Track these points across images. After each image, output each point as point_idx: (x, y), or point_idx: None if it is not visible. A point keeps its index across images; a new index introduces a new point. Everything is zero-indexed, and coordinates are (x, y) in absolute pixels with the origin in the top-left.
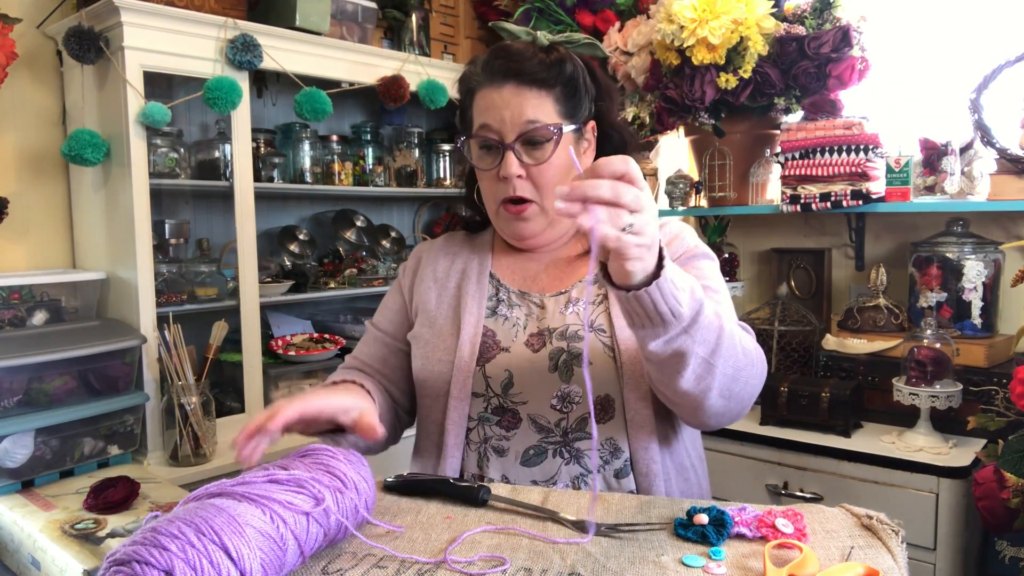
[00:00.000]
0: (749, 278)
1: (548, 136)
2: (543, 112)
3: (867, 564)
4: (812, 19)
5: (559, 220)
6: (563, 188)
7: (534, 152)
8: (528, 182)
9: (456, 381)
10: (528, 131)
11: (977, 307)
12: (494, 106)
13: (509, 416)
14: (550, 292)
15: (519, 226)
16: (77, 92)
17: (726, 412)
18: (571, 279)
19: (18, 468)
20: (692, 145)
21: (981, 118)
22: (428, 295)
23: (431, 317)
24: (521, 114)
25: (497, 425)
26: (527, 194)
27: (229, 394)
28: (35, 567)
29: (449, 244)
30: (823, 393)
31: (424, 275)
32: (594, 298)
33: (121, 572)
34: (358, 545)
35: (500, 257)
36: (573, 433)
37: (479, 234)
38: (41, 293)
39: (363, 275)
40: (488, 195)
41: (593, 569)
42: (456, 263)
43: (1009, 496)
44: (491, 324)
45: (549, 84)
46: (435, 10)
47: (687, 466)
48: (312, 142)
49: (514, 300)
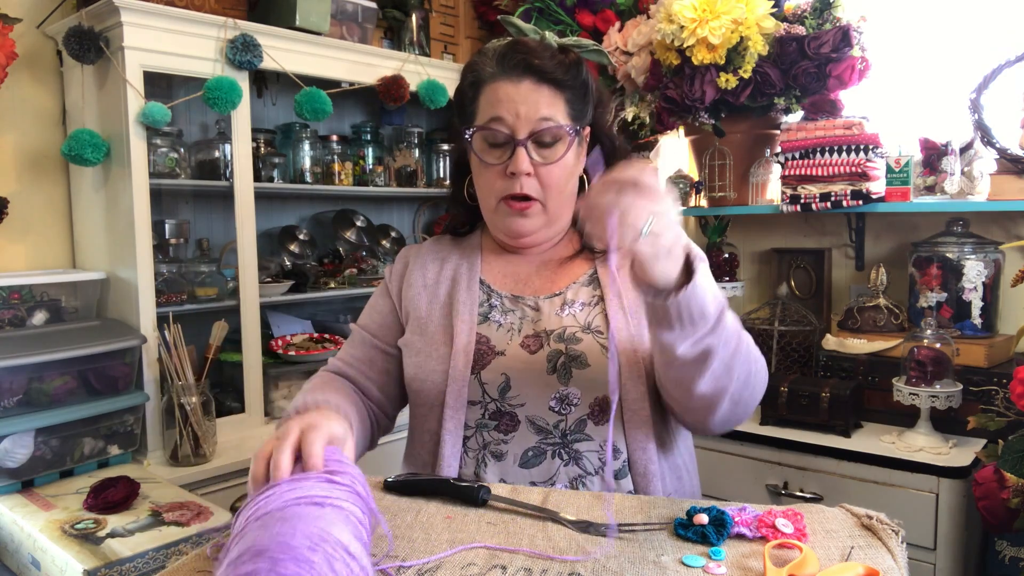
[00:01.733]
0: (749, 278)
1: (561, 136)
2: (557, 111)
3: (867, 564)
4: (812, 19)
5: (556, 220)
6: (584, 202)
7: (544, 151)
8: (535, 180)
9: (451, 391)
10: (542, 129)
11: (977, 307)
12: (509, 99)
13: (507, 419)
14: (544, 294)
15: (519, 223)
16: (77, 92)
17: (731, 418)
18: (564, 280)
19: (18, 468)
20: (692, 145)
21: (981, 118)
22: (418, 301)
23: (422, 324)
24: (536, 111)
25: (495, 430)
26: (532, 192)
27: (229, 394)
28: (35, 567)
29: (437, 248)
30: (823, 393)
31: (413, 280)
32: (590, 299)
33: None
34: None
35: (489, 260)
36: (572, 434)
37: (466, 237)
38: (41, 293)
39: (363, 275)
40: (488, 190)
41: (593, 569)
42: (445, 269)
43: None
44: (484, 330)
45: (565, 85)
46: (435, 10)
47: (680, 466)
48: (312, 142)
49: (507, 306)
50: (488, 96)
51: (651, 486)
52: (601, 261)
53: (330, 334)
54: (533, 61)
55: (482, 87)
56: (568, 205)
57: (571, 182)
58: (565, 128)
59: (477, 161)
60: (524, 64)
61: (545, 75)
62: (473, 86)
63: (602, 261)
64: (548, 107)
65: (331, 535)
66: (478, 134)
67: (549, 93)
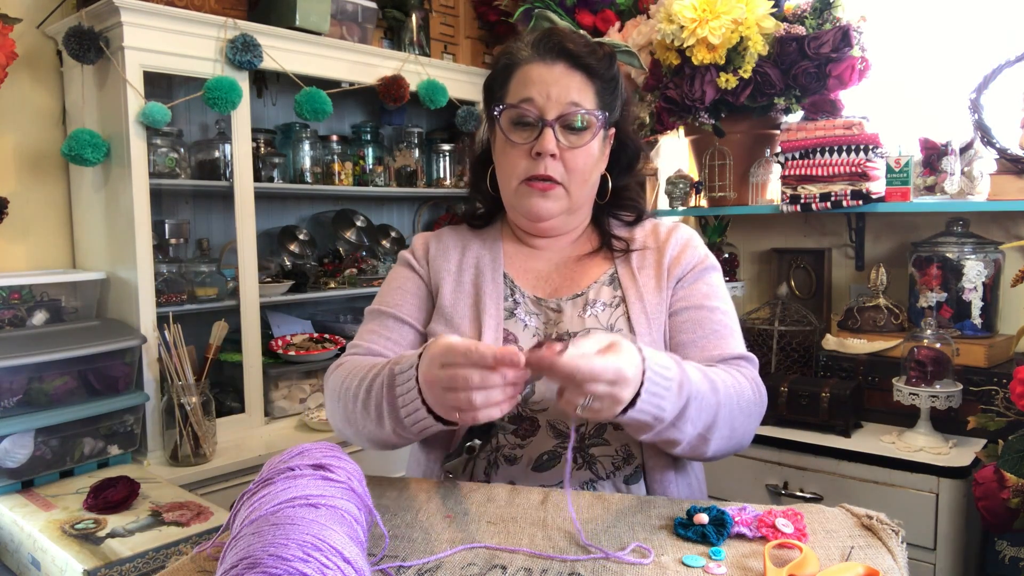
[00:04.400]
0: (749, 278)
1: (589, 122)
2: (587, 98)
3: (867, 564)
4: (812, 19)
5: (577, 209)
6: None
7: (571, 135)
8: (559, 163)
9: None
10: (571, 112)
11: (977, 307)
12: (542, 81)
13: (527, 424)
14: (566, 295)
15: (540, 203)
16: (77, 92)
17: (727, 451)
18: (585, 280)
19: (18, 468)
20: (692, 145)
21: (981, 118)
22: (444, 287)
23: (447, 313)
24: (567, 94)
25: (513, 434)
26: (556, 175)
27: (229, 394)
28: (35, 567)
29: (457, 236)
30: (823, 393)
31: (438, 265)
32: (611, 299)
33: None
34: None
35: (510, 253)
36: (591, 439)
37: (485, 228)
38: (41, 293)
39: (363, 275)
40: (510, 171)
41: (593, 569)
42: (467, 256)
43: (1009, 496)
44: (510, 326)
45: (597, 74)
46: (435, 10)
47: (688, 470)
48: (312, 142)
49: (531, 308)
50: (520, 77)
51: (667, 491)
52: (622, 260)
53: (330, 334)
54: (568, 46)
55: (515, 69)
56: (589, 197)
57: (595, 172)
58: (594, 114)
59: (503, 140)
60: (559, 48)
61: (579, 61)
62: (506, 69)
63: (623, 260)
64: (579, 92)
65: (325, 542)
66: (507, 112)
67: (581, 79)
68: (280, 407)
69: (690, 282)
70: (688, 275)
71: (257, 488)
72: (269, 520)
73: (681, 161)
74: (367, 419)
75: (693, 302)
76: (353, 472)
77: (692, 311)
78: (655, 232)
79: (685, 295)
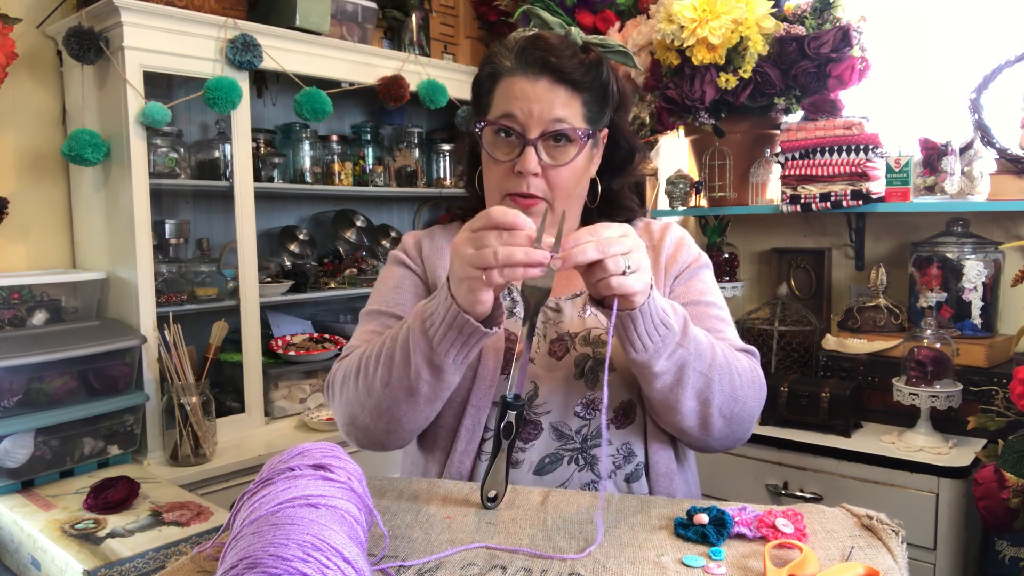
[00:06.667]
0: (749, 278)
1: (573, 139)
2: (572, 113)
3: (867, 564)
4: (812, 19)
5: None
6: (558, 262)
7: (554, 152)
8: (542, 180)
9: (478, 389)
10: (554, 130)
11: (977, 307)
12: (524, 97)
13: (530, 427)
14: (565, 294)
15: None
16: (77, 92)
17: (729, 434)
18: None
19: (18, 468)
20: (692, 145)
21: (981, 118)
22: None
23: None
24: (551, 111)
25: (517, 438)
26: (539, 192)
27: (229, 394)
28: (35, 567)
29: (450, 235)
30: (823, 393)
31: (434, 262)
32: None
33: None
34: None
35: None
36: (592, 440)
37: None
38: (41, 293)
39: (363, 275)
40: (494, 184)
41: (593, 569)
42: None
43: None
44: (510, 326)
45: (583, 86)
46: (435, 10)
47: (686, 468)
48: (312, 142)
49: None
50: (503, 90)
51: (668, 490)
52: None
53: (330, 334)
54: (551, 59)
55: (498, 80)
56: (577, 206)
57: (581, 184)
58: (578, 131)
59: (486, 155)
60: (542, 62)
61: (563, 75)
62: (490, 77)
63: None
64: (563, 108)
65: (325, 542)
66: (488, 128)
67: (566, 94)
68: (280, 407)
69: (686, 279)
70: (684, 272)
71: (257, 488)
72: (269, 520)
73: (681, 161)
74: (391, 372)
75: (690, 298)
76: (353, 472)
77: (690, 307)
78: (648, 231)
79: (682, 292)
